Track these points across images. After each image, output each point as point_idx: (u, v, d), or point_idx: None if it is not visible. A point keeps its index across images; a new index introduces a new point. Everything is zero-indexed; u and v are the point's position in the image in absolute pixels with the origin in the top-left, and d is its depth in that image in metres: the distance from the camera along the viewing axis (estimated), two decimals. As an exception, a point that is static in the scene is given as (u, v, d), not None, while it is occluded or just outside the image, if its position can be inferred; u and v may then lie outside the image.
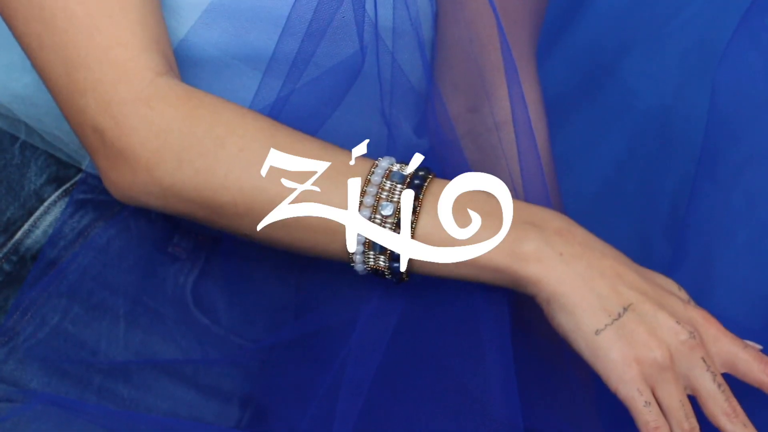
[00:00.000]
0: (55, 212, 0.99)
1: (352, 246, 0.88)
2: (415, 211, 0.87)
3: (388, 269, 0.88)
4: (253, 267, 1.02)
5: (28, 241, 0.99)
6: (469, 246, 0.86)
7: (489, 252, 0.86)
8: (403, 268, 0.88)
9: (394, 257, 0.87)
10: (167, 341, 0.98)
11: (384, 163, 0.88)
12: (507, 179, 1.02)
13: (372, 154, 0.93)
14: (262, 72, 0.91)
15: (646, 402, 0.84)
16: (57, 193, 0.99)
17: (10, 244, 0.99)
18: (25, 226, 0.99)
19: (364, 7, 0.92)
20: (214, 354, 0.99)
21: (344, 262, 0.89)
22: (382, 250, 0.87)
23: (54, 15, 0.88)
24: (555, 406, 0.97)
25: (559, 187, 1.07)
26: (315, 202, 0.87)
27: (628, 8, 1.28)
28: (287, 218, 0.88)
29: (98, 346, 0.97)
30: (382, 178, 0.87)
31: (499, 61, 0.97)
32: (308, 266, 1.04)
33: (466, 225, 0.87)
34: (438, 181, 0.88)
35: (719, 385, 0.85)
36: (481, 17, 0.99)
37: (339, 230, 0.88)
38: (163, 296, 0.98)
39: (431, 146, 1.06)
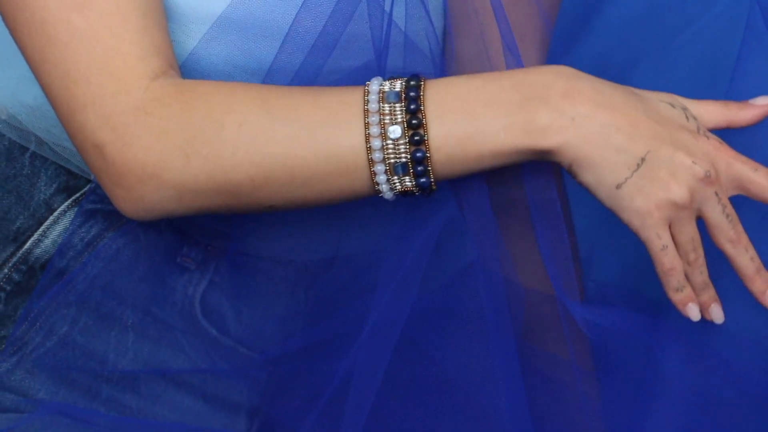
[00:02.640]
0: (65, 222, 0.99)
1: (380, 180, 0.88)
2: (422, 125, 0.87)
3: (415, 186, 0.89)
4: (262, 278, 1.02)
5: (38, 251, 0.99)
6: (483, 138, 0.87)
7: (505, 138, 0.87)
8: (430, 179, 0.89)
9: (418, 173, 0.88)
10: (175, 351, 0.98)
11: (374, 86, 0.88)
12: (517, 192, 1.02)
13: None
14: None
15: (663, 246, 0.89)
16: (66, 203, 0.99)
17: (19, 254, 0.99)
18: (35, 236, 0.99)
19: (383, 14, 0.92)
20: (222, 365, 0.99)
21: (372, 196, 0.90)
22: (405, 171, 0.88)
23: (56, 29, 0.88)
24: (563, 419, 0.97)
25: (568, 197, 1.07)
26: (325, 148, 0.88)
27: (638, 21, 1.27)
28: (305, 173, 0.88)
29: (107, 356, 0.97)
30: (379, 103, 0.88)
31: None
32: (316, 277, 1.05)
33: (473, 118, 0.87)
34: (431, 84, 0.89)
35: (727, 216, 0.89)
36: (490, 31, 0.99)
37: (358, 167, 0.88)
38: (171, 307, 0.98)
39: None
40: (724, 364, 0.98)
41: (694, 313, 0.92)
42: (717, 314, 0.93)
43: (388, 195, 0.89)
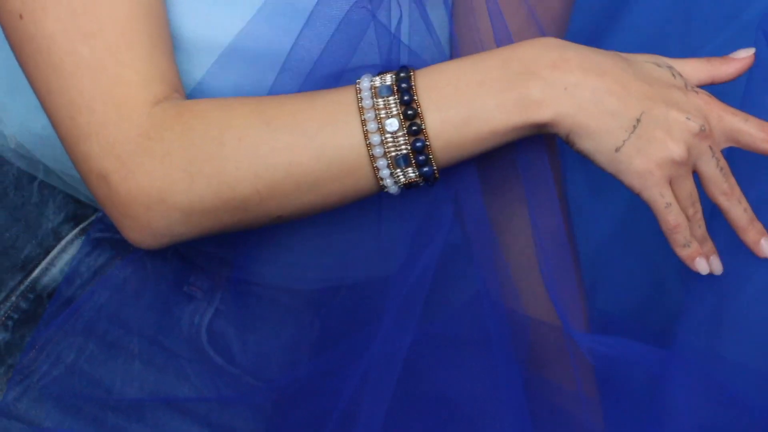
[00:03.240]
0: (72, 251, 0.99)
1: (384, 175, 0.88)
2: (417, 114, 0.87)
3: (419, 177, 0.89)
4: (267, 306, 1.02)
5: (45, 279, 0.99)
6: (480, 119, 0.87)
7: (501, 116, 0.87)
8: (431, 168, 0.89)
9: (420, 163, 0.88)
10: (181, 380, 0.98)
11: (365, 83, 0.88)
12: (523, 225, 1.02)
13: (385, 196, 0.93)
14: None
15: (667, 204, 0.89)
16: (74, 232, 0.99)
17: (27, 282, 0.99)
18: (42, 264, 0.99)
19: (390, 30, 0.93)
20: (228, 393, 0.99)
21: (378, 192, 0.90)
22: (407, 162, 0.88)
23: (62, 59, 0.88)
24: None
25: (573, 226, 1.07)
26: (327, 151, 0.88)
27: (643, 49, 1.28)
28: (310, 179, 0.88)
29: (113, 385, 0.97)
30: (372, 98, 0.88)
31: None
32: (322, 305, 1.05)
33: (468, 101, 0.87)
34: (422, 73, 0.89)
35: (721, 169, 0.90)
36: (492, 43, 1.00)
37: (361, 165, 0.88)
38: (178, 335, 0.99)
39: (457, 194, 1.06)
40: (730, 395, 0.98)
41: (702, 266, 0.93)
42: (716, 265, 0.94)
43: (393, 189, 0.90)
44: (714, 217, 0.94)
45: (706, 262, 0.92)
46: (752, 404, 0.98)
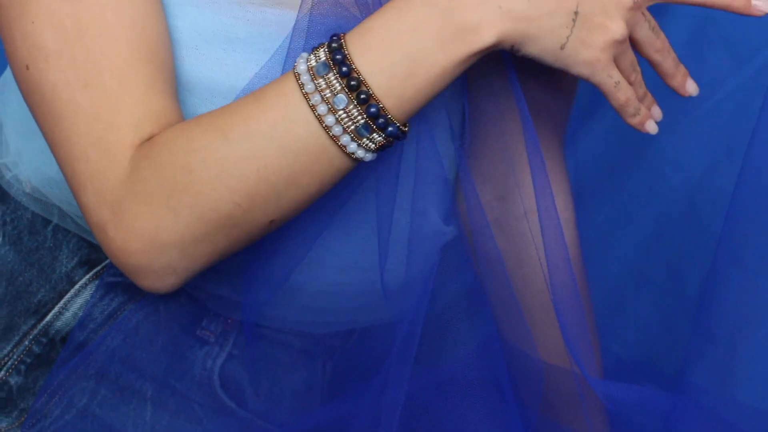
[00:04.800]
0: (86, 295, 0.99)
1: (352, 149, 0.87)
2: (361, 83, 0.85)
3: (387, 137, 0.87)
4: (281, 351, 1.02)
5: (58, 324, 0.99)
6: (424, 65, 0.85)
7: (445, 55, 0.85)
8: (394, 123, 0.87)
9: (381, 126, 0.86)
10: (193, 424, 0.98)
11: (301, 66, 0.87)
12: (537, 269, 1.02)
13: (400, 244, 0.93)
14: None
15: (616, 83, 0.89)
16: (87, 276, 0.99)
17: (40, 326, 0.99)
18: (56, 309, 0.99)
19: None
20: (239, 437, 0.99)
21: (357, 164, 0.89)
22: (369, 130, 0.86)
23: (63, 108, 0.88)
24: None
25: (586, 271, 1.07)
26: (288, 146, 0.86)
27: (655, 92, 1.28)
28: (283, 177, 0.87)
29: (125, 429, 0.97)
30: (313, 81, 0.86)
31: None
32: (334, 350, 1.05)
33: (406, 52, 0.86)
34: (351, 37, 0.87)
35: (652, 29, 0.91)
36: (511, 109, 1.00)
37: (327, 148, 0.87)
38: (190, 379, 0.98)
39: (460, 233, 1.06)
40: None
41: (652, 127, 0.94)
42: (657, 113, 0.95)
43: (368, 157, 0.88)
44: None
45: (654, 123, 0.94)
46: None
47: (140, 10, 0.89)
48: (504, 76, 0.96)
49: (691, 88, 0.95)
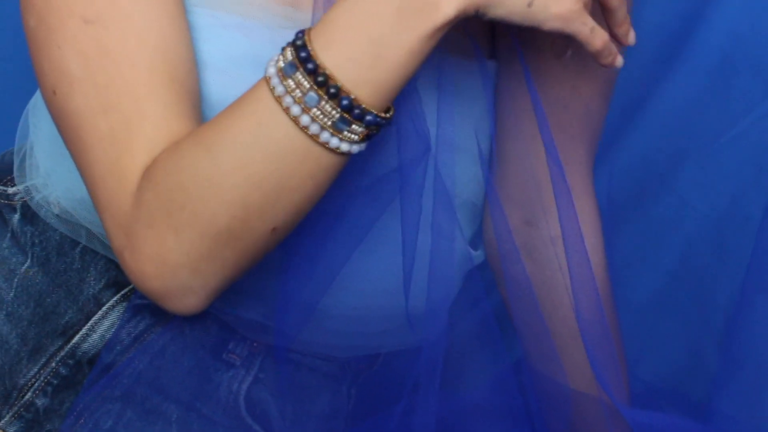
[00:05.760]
0: (113, 317, 0.99)
1: (335, 144, 0.85)
2: (328, 78, 0.84)
3: (370, 126, 0.85)
4: (307, 374, 1.02)
5: (85, 345, 0.99)
6: (390, 50, 0.84)
7: (409, 36, 0.84)
8: (374, 112, 0.85)
9: (358, 117, 0.84)
10: (219, 448, 0.98)
11: (271, 70, 0.86)
12: (564, 295, 1.01)
13: (424, 268, 0.93)
14: None
15: (591, 29, 0.88)
16: (115, 298, 0.99)
17: (67, 348, 0.99)
18: (83, 330, 0.99)
19: (424, 119, 0.92)
20: (264, 461, 0.98)
21: (349, 156, 0.87)
22: (347, 123, 0.85)
23: (86, 133, 0.89)
24: None
25: (614, 295, 1.07)
26: (272, 152, 0.85)
27: (683, 118, 1.28)
28: (273, 183, 0.86)
29: (150, 452, 0.97)
30: (282, 84, 0.85)
31: None
32: (360, 373, 1.04)
33: (370, 39, 0.84)
34: (315, 32, 0.85)
35: None
36: (538, 133, 0.99)
37: (310, 148, 0.85)
38: (216, 403, 0.98)
39: (488, 258, 1.06)
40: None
41: (620, 60, 0.91)
42: (631, 37, 0.92)
43: (355, 148, 0.87)
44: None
45: (621, 57, 0.91)
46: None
47: (163, 34, 0.90)
48: (529, 97, 0.96)
49: (632, 36, 0.92)
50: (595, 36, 0.88)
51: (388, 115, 0.86)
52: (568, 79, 1.00)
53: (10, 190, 1.03)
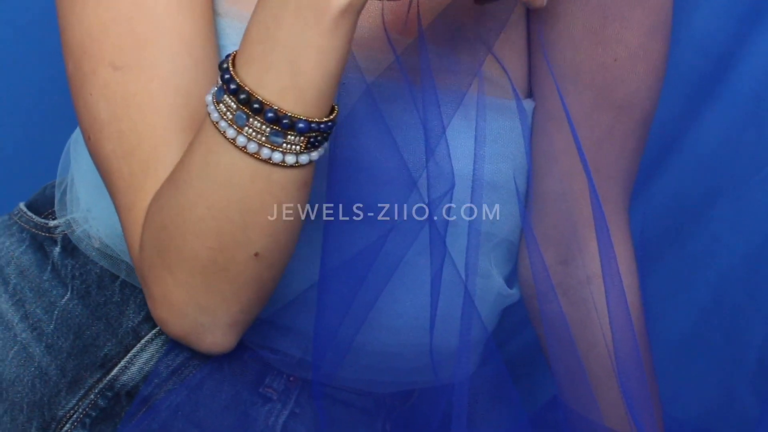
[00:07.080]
0: (151, 350, 1.00)
1: (278, 158, 0.85)
2: (251, 95, 0.83)
3: (306, 134, 0.84)
4: (341, 409, 1.02)
5: (124, 378, 1.00)
6: (303, 60, 0.82)
7: (315, 36, 0.82)
8: (317, 117, 0.85)
9: (288, 127, 0.84)
10: (255, 482, 0.98)
11: (207, 98, 0.86)
12: (598, 334, 1.02)
13: (455, 308, 0.93)
14: None
15: None
16: (154, 331, 1.00)
17: (105, 380, 1.00)
18: (122, 363, 1.00)
19: (449, 157, 0.93)
20: (299, 496, 0.99)
21: (308, 168, 0.86)
22: (282, 135, 0.84)
23: (114, 177, 0.92)
24: None
25: (648, 334, 1.07)
26: (224, 179, 0.85)
27: (716, 156, 1.28)
28: (237, 208, 0.86)
29: (186, 485, 0.97)
30: (215, 109, 0.85)
31: (591, 214, 0.97)
32: (394, 409, 1.05)
33: (280, 50, 0.83)
34: (238, 52, 0.85)
35: None
36: (574, 172, 1.00)
37: (258, 168, 0.85)
38: (252, 436, 0.99)
39: (523, 297, 1.06)
40: None
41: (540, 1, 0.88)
42: None
43: (305, 158, 0.85)
44: None
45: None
46: None
47: (187, 77, 0.91)
48: (567, 136, 0.96)
49: None
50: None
51: (328, 118, 0.85)
52: (604, 120, 1.00)
53: (51, 223, 1.05)
